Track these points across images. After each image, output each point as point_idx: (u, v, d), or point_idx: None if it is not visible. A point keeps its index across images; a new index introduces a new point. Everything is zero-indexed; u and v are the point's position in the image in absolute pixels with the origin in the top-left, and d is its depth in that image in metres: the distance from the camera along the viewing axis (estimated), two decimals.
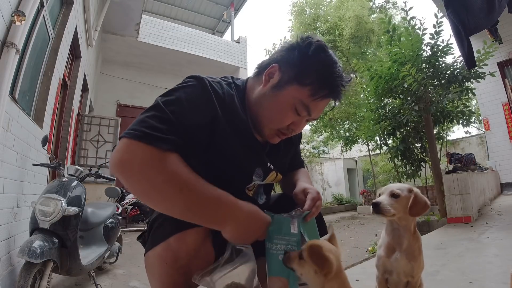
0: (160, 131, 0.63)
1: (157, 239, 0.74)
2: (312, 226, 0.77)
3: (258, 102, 0.81)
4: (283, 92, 0.77)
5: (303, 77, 0.75)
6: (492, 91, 6.62)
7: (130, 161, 0.61)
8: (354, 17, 8.73)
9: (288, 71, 0.77)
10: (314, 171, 12.94)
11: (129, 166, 0.61)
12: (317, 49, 0.76)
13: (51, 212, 1.66)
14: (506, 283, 1.36)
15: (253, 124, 0.83)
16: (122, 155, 0.62)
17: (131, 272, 2.61)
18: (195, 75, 0.76)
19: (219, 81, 0.80)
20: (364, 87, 6.05)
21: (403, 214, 0.92)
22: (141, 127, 0.63)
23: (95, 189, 4.43)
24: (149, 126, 0.63)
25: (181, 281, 0.72)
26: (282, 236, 0.72)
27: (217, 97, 0.75)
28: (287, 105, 0.76)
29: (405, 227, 0.94)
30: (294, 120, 0.79)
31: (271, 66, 0.79)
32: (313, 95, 0.75)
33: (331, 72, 0.76)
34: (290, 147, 0.99)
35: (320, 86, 0.75)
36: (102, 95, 7.51)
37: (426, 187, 5.91)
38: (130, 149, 0.62)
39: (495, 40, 3.61)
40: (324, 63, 0.76)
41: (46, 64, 2.69)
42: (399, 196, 0.93)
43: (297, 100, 0.76)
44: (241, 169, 0.81)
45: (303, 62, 0.76)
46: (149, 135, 0.62)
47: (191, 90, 0.73)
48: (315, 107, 0.77)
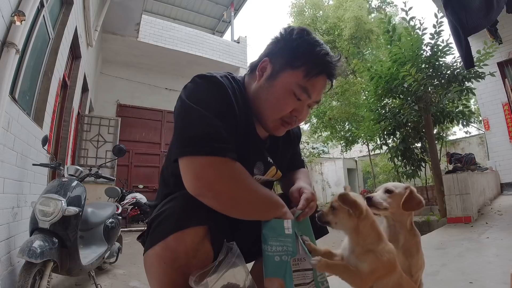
0: (226, 141, 0.69)
1: (156, 239, 0.74)
2: (306, 226, 0.78)
3: (256, 97, 0.83)
4: (278, 80, 0.79)
5: (293, 60, 0.77)
6: (492, 91, 6.62)
7: (217, 178, 0.67)
8: (353, 18, 8.74)
9: (278, 60, 0.80)
10: (314, 171, 12.95)
11: (217, 183, 0.67)
12: (300, 33, 0.79)
13: (51, 212, 1.66)
14: (506, 283, 1.36)
15: (256, 119, 0.84)
16: (207, 173, 0.67)
17: (131, 272, 2.61)
18: (204, 75, 0.78)
19: (225, 75, 0.83)
20: (364, 87, 6.05)
21: (397, 209, 0.93)
22: (210, 141, 0.68)
23: (95, 189, 4.43)
24: (215, 138, 0.68)
25: (180, 280, 0.72)
26: (277, 237, 0.73)
27: (232, 93, 0.78)
28: (285, 91, 0.78)
29: (400, 223, 0.95)
30: (295, 106, 0.80)
31: (262, 61, 0.82)
32: (307, 75, 0.77)
33: (318, 50, 0.78)
34: (289, 146, 0.99)
35: (311, 65, 0.77)
36: (102, 95, 7.51)
37: (426, 187, 5.90)
38: (212, 165, 0.67)
39: (495, 40, 3.62)
40: (310, 44, 0.78)
41: (46, 64, 2.68)
42: (392, 192, 0.94)
43: (293, 84, 0.78)
44: (242, 161, 0.81)
45: (291, 47, 0.79)
46: (222, 149, 0.68)
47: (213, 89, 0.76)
48: (312, 87, 0.79)
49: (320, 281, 0.75)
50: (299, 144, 1.09)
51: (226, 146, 0.68)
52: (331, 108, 9.23)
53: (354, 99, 8.63)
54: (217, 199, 0.68)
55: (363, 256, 0.71)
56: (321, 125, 9.82)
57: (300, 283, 0.71)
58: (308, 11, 10.47)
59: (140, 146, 7.88)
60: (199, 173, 0.66)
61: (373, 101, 5.21)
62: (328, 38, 9.48)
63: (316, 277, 0.74)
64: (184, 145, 0.69)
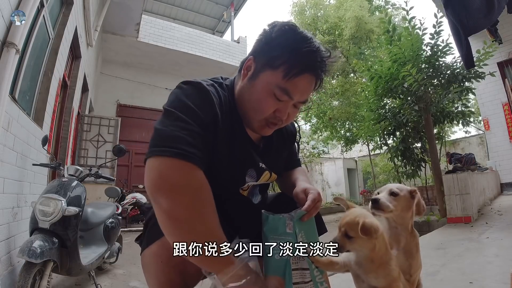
0: (195, 147, 0.65)
1: (153, 237, 0.74)
2: (310, 226, 0.78)
3: (240, 97, 0.81)
4: (258, 80, 0.76)
5: (272, 60, 0.74)
6: (492, 91, 6.62)
7: (177, 181, 0.62)
8: (354, 18, 8.74)
9: (260, 59, 0.77)
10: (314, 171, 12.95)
11: (176, 186, 0.62)
12: (280, 30, 0.75)
13: (51, 212, 1.66)
14: (506, 283, 1.36)
15: (243, 121, 0.83)
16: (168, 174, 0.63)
17: (131, 272, 2.61)
18: (190, 81, 0.76)
19: (212, 83, 0.80)
20: (364, 87, 6.05)
21: (401, 212, 0.93)
22: (178, 144, 0.64)
23: (95, 189, 4.42)
24: (184, 142, 0.65)
25: (177, 279, 0.72)
26: (278, 236, 0.72)
27: (216, 102, 0.75)
28: (265, 92, 0.75)
29: (402, 226, 0.95)
30: (278, 106, 0.76)
31: (247, 59, 0.80)
32: (286, 75, 0.72)
33: (300, 47, 0.73)
34: (284, 146, 0.97)
35: (291, 64, 0.72)
36: (102, 95, 7.51)
37: (426, 187, 5.90)
38: (174, 168, 0.63)
39: (495, 40, 3.62)
40: (292, 40, 0.74)
41: (46, 64, 2.68)
42: (398, 195, 0.94)
43: (272, 85, 0.74)
44: (233, 171, 0.80)
45: (270, 45, 0.75)
46: (188, 153, 0.64)
47: (197, 97, 0.73)
48: (293, 87, 0.74)
49: (319, 282, 0.74)
50: (295, 142, 1.05)
51: (196, 152, 0.65)
52: (331, 108, 9.23)
53: (354, 99, 8.63)
54: (172, 203, 0.61)
55: (375, 272, 0.70)
56: (321, 125, 9.82)
57: (299, 281, 0.71)
58: (309, 11, 10.47)
59: (140, 146, 7.88)
60: (163, 173, 0.62)
61: (373, 101, 5.21)
62: (329, 38, 9.47)
63: (314, 277, 0.74)
64: (154, 145, 0.66)
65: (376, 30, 8.86)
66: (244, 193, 0.88)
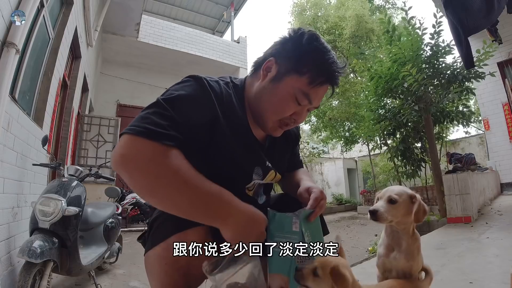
0: (162, 127, 0.64)
1: (157, 239, 0.74)
2: (315, 225, 0.77)
3: (258, 97, 0.82)
4: (282, 83, 0.78)
5: (300, 66, 0.77)
6: (492, 91, 6.62)
7: (134, 157, 0.61)
8: (354, 17, 8.74)
9: (285, 63, 0.79)
10: (314, 171, 12.94)
11: (132, 162, 0.61)
12: (310, 38, 0.78)
13: (51, 212, 1.66)
14: (506, 283, 1.36)
15: (255, 120, 0.84)
16: (125, 151, 0.62)
17: (131, 272, 2.61)
18: (193, 75, 0.77)
19: (217, 80, 0.81)
20: (364, 87, 6.06)
21: (401, 218, 0.93)
22: (143, 123, 0.63)
23: (95, 189, 4.43)
24: (151, 122, 0.64)
25: (181, 281, 0.72)
26: (283, 234, 0.72)
27: (216, 96, 0.76)
28: (288, 95, 0.78)
29: (403, 230, 0.95)
30: (296, 110, 0.80)
31: (267, 60, 0.81)
32: (311, 82, 0.76)
33: (326, 58, 0.77)
34: (288, 147, 0.99)
35: (317, 73, 0.76)
36: (102, 95, 7.50)
37: (426, 187, 5.90)
38: (133, 145, 0.62)
39: (495, 40, 3.62)
40: (319, 51, 0.78)
41: (46, 64, 2.68)
42: (396, 202, 0.93)
43: (296, 89, 0.77)
44: (241, 168, 0.81)
45: (299, 52, 0.78)
46: (152, 131, 0.62)
47: (191, 89, 0.74)
48: (315, 94, 0.79)
49: None
50: (298, 144, 1.08)
51: (163, 132, 0.63)
52: (331, 108, 9.23)
53: (354, 99, 8.63)
54: (129, 179, 0.62)
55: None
56: (321, 125, 9.82)
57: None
58: (309, 11, 10.47)
59: None
60: (124, 149, 0.62)
61: (373, 101, 5.21)
62: (329, 38, 9.46)
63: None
64: (128, 126, 0.65)
65: (376, 30, 8.86)
66: (250, 193, 0.89)
